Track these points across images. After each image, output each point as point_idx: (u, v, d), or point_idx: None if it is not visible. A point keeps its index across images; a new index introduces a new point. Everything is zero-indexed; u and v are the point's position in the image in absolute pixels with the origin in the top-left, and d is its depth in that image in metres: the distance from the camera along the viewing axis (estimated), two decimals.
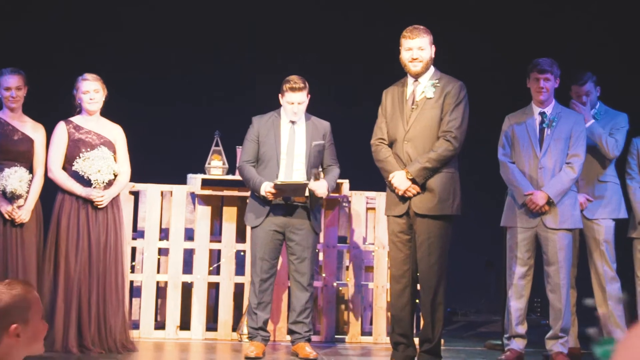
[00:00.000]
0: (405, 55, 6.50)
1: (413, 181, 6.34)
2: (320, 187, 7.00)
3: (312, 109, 7.29)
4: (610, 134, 7.37)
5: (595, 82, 7.48)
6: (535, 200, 6.87)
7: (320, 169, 7.08)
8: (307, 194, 6.99)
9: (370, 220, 8.30)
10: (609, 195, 7.44)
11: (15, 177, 6.91)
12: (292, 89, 7.04)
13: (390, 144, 6.56)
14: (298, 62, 7.41)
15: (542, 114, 7.09)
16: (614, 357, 1.26)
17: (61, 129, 7.16)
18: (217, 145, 8.05)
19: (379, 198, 7.98)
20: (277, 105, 7.19)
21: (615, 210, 7.45)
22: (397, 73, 6.64)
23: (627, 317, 7.18)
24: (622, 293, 7.36)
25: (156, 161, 8.51)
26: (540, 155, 7.00)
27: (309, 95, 7.13)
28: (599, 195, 7.43)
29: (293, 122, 7.13)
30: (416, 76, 6.51)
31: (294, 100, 7.06)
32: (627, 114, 7.48)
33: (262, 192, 6.94)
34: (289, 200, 7.00)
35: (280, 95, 7.13)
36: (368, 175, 7.44)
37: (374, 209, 8.21)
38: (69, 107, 7.24)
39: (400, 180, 6.37)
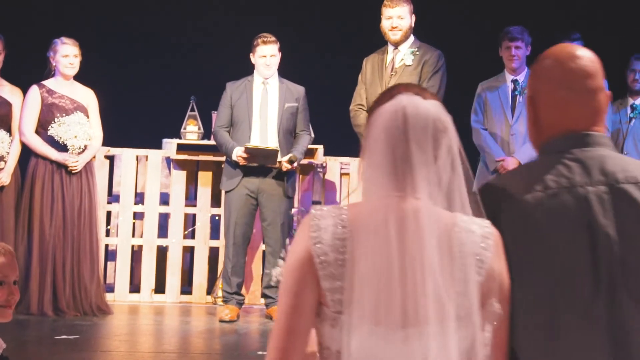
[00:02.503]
0: (385, 24, 6.66)
1: None
2: (287, 165, 7.06)
3: (287, 74, 7.33)
4: None
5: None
6: (506, 166, 6.95)
7: (296, 160, 7.11)
8: (279, 159, 7.05)
9: (345, 186, 8.37)
10: None
11: None
12: (264, 42, 7.12)
13: (369, 110, 6.64)
14: (274, 27, 7.41)
15: (515, 81, 7.17)
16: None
17: (34, 93, 7.16)
18: (192, 110, 8.08)
19: (354, 164, 8.04)
20: (252, 72, 7.24)
21: None
22: (375, 39, 6.73)
23: None
24: None
25: (132, 126, 8.51)
26: (512, 121, 7.09)
27: (280, 53, 7.19)
28: None
29: (266, 80, 7.17)
30: (396, 44, 6.66)
31: (266, 52, 7.12)
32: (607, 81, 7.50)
33: (234, 157, 7.02)
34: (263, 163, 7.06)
35: (251, 54, 7.19)
36: (342, 140, 7.49)
37: (348, 174, 8.28)
38: (38, 70, 7.24)
39: None
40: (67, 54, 7.17)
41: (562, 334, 2.18)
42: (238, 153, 7.00)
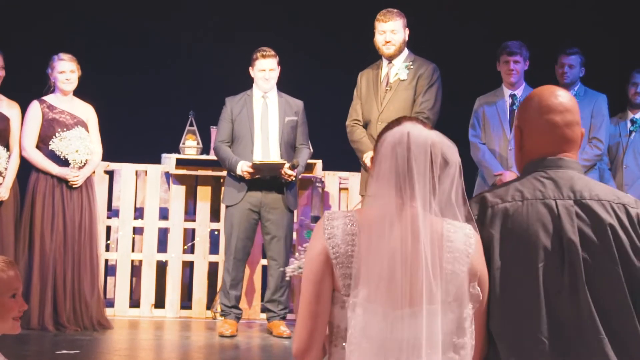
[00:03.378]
0: (378, 38, 6.66)
1: None
2: (289, 171, 7.08)
3: (286, 88, 7.36)
4: (592, 126, 7.38)
5: (582, 62, 7.51)
6: (504, 180, 6.97)
7: (298, 165, 7.14)
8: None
9: (344, 200, 8.37)
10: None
11: None
12: (263, 56, 7.16)
13: (365, 125, 6.69)
14: (272, 43, 7.44)
15: (513, 95, 7.21)
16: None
17: (35, 108, 7.19)
18: (191, 125, 8.10)
19: (352, 178, 8.06)
20: (250, 86, 7.27)
21: None
22: (373, 54, 6.75)
23: None
24: None
25: (131, 141, 8.52)
26: (510, 136, 7.11)
27: (280, 67, 7.22)
28: None
29: (265, 94, 7.21)
30: (390, 58, 6.66)
31: (265, 66, 7.15)
32: (606, 95, 7.52)
33: (239, 172, 7.03)
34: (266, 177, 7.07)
35: (250, 68, 7.22)
36: (341, 155, 7.51)
37: (347, 189, 8.29)
38: (38, 86, 7.27)
39: None
40: (63, 70, 7.20)
41: (533, 316, 2.71)
42: (244, 168, 7.01)
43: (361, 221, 2.61)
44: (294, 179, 7.14)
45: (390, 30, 6.62)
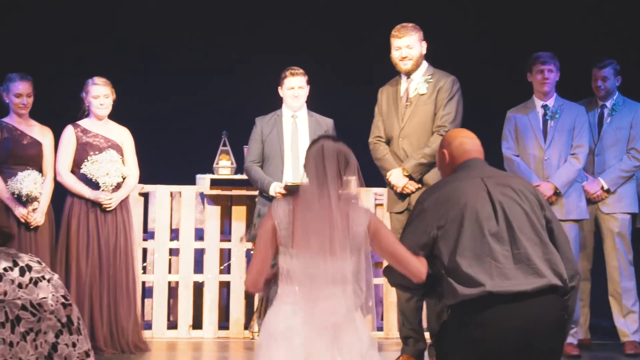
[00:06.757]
0: (395, 54, 6.57)
1: (410, 177, 6.41)
2: None
3: (319, 106, 7.35)
4: (631, 136, 7.27)
5: (617, 71, 7.38)
6: (543, 191, 6.87)
7: None
8: None
9: (379, 216, 8.31)
10: (624, 190, 7.36)
11: (29, 180, 6.99)
12: (292, 74, 7.16)
13: (388, 142, 6.63)
14: (304, 62, 7.44)
15: (545, 106, 7.13)
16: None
17: (69, 132, 7.23)
18: (224, 145, 8.11)
19: (387, 195, 8.00)
20: (281, 105, 7.27)
21: (632, 204, 7.37)
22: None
23: None
24: None
25: (165, 162, 8.56)
26: (545, 147, 7.04)
27: (309, 86, 7.21)
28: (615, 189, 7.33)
29: (295, 113, 7.21)
30: (408, 74, 6.56)
31: (294, 84, 7.15)
32: None
33: (272, 193, 7.01)
34: None
35: (279, 87, 7.21)
36: (376, 171, 7.46)
37: (382, 204, 8.23)
38: (75, 111, 7.31)
39: (397, 177, 6.46)
40: (97, 95, 7.22)
41: (482, 247, 4.26)
42: (277, 189, 6.99)
43: (295, 204, 4.06)
44: None
45: (406, 46, 6.51)
